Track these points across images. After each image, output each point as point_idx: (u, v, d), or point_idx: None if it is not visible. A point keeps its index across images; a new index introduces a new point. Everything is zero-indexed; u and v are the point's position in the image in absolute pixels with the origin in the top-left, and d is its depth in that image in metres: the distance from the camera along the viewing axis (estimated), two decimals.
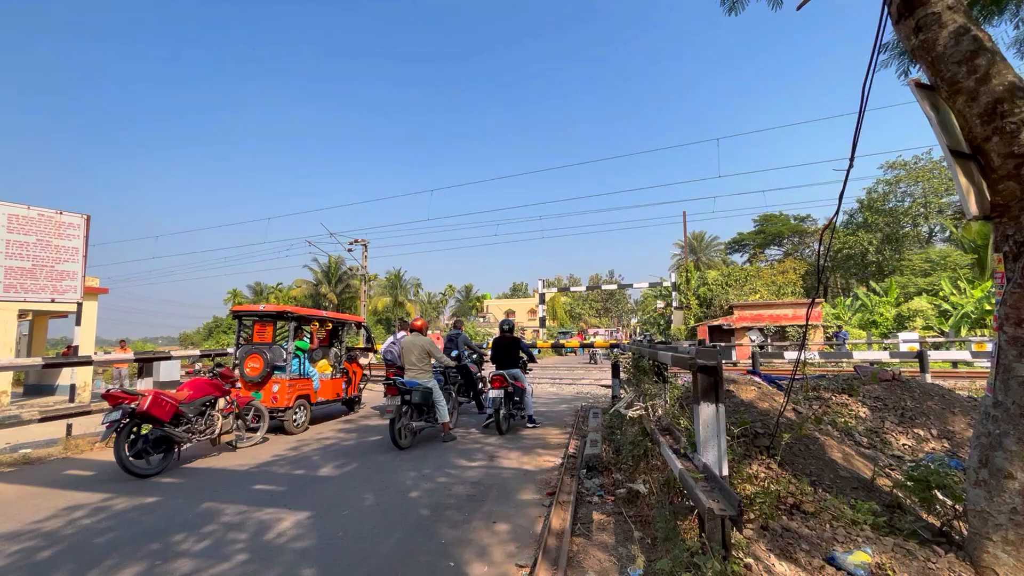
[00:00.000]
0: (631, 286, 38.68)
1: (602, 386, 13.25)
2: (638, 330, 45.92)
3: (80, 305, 7.79)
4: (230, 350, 8.94)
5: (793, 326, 23.71)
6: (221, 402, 6.21)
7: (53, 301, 7.29)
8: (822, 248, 3.26)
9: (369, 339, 11.05)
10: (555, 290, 45.49)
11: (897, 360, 11.44)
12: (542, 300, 34.29)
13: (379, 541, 3.51)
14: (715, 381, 2.99)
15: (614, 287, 47.47)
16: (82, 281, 7.67)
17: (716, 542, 2.73)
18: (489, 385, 7.34)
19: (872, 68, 2.31)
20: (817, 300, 25.45)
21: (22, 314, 15.51)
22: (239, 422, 6.49)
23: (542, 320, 33.82)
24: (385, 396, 7.17)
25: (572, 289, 51.94)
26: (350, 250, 27.41)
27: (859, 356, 10.98)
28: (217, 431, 6.04)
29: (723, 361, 2.99)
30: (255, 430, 6.78)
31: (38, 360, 6.61)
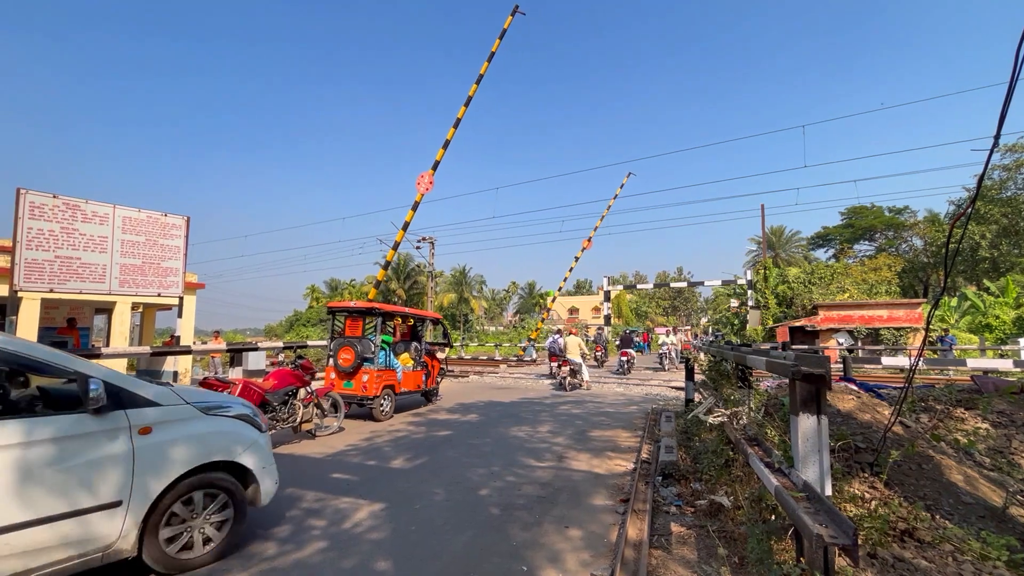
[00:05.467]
0: (702, 283, 36.86)
1: (672, 388, 12.71)
2: (710, 330, 43.72)
3: (181, 299, 8.52)
4: (310, 343, 9.52)
5: (888, 328, 21.54)
6: (302, 392, 6.54)
7: (159, 295, 8.03)
8: (951, 241, 2.82)
9: (446, 335, 11.50)
10: (620, 287, 44.35)
11: (1020, 369, 10.02)
12: (607, 297, 33.55)
13: (451, 538, 3.50)
14: (817, 391, 2.69)
15: (683, 285, 45.49)
16: (183, 277, 8.38)
17: (818, 569, 2.46)
18: (620, 354, 17.03)
19: None
20: (921, 300, 23.00)
21: (134, 306, 17.31)
22: (318, 411, 6.81)
23: (607, 318, 33.11)
24: (560, 367, 13.18)
25: (639, 286, 50.51)
26: (418, 247, 28.27)
27: (973, 363, 9.73)
28: (298, 419, 6.36)
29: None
30: (333, 419, 7.11)
31: (147, 349, 7.31)
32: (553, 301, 34.18)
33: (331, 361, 8.23)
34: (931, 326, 21.57)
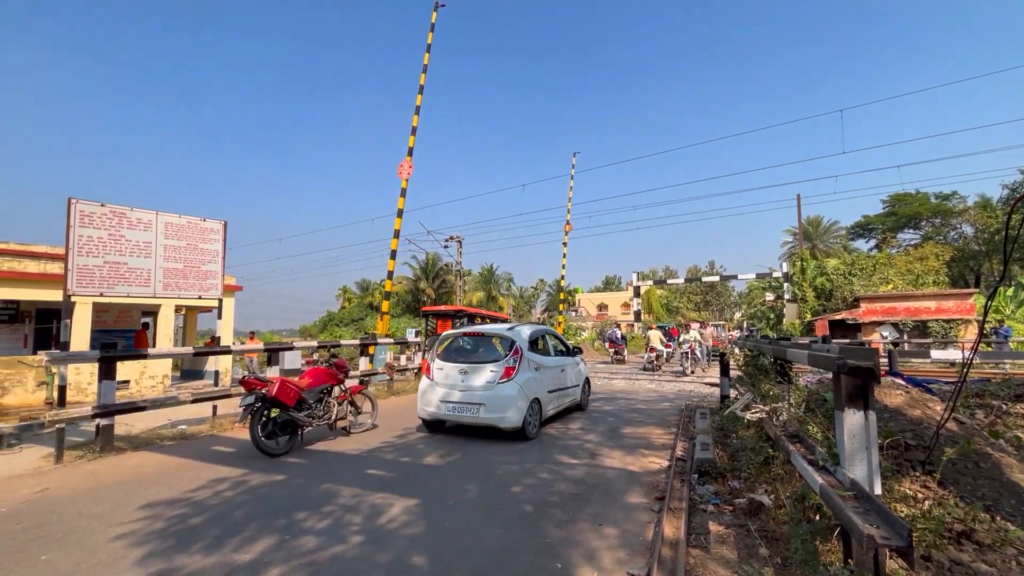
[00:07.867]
0: (735, 277, 35.92)
1: (706, 384, 12.43)
2: (744, 324, 42.61)
3: (221, 301, 8.82)
4: (344, 342, 9.77)
5: (937, 321, 20.51)
6: (336, 390, 6.67)
7: (200, 298, 8.33)
8: (1008, 228, 2.64)
9: None
10: (650, 283, 43.66)
11: None
12: (636, 293, 33.11)
13: (484, 534, 3.50)
14: (865, 385, 2.56)
15: (715, 279, 44.49)
16: (222, 280, 8.67)
17: (868, 571, 2.35)
18: (664, 347, 18.00)
19: None
20: (972, 291, 21.80)
21: (177, 308, 18.04)
22: (352, 409, 6.93)
23: (637, 314, 32.68)
24: (646, 353, 17.23)
25: (669, 282, 49.70)
26: (446, 247, 28.49)
27: None
28: (333, 417, 6.50)
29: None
30: (367, 416, 7.25)
31: (189, 349, 7.61)
32: (563, 291, 33.93)
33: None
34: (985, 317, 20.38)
